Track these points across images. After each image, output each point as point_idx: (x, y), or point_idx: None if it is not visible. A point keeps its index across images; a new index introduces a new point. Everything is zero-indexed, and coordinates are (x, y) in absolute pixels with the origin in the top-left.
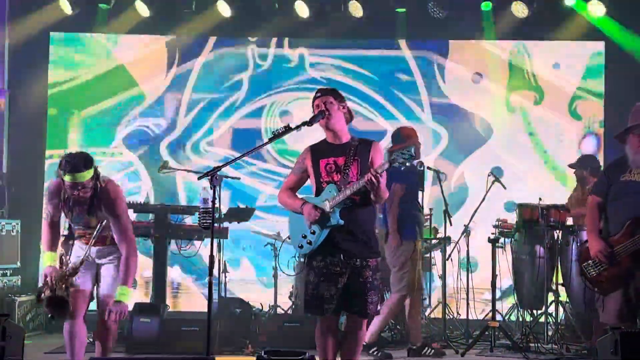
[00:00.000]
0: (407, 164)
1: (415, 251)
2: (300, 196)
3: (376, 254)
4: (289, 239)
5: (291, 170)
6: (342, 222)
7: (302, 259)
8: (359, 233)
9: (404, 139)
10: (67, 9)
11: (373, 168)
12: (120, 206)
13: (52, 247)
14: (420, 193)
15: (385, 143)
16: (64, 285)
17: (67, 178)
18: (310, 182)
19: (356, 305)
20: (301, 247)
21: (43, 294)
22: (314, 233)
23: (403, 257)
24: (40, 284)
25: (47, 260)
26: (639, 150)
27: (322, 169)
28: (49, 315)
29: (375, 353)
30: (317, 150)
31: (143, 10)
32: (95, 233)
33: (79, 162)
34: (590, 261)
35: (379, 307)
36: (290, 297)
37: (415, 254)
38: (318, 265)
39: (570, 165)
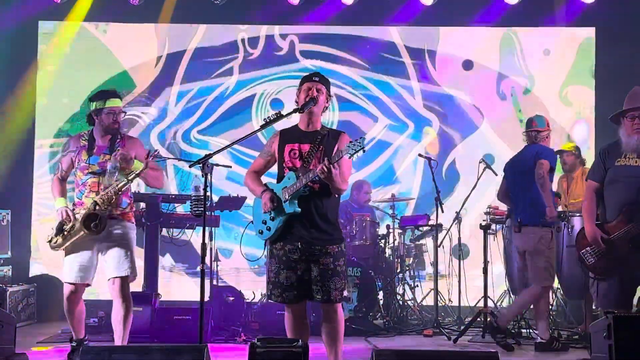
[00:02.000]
0: (358, 155)
1: (552, 239)
2: (264, 182)
3: (338, 240)
4: (252, 223)
5: (259, 153)
6: (298, 210)
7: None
8: (319, 221)
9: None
10: None
11: (327, 158)
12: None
13: (63, 195)
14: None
15: (377, 131)
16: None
17: (111, 103)
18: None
19: (318, 293)
20: (261, 232)
21: (67, 225)
22: (273, 219)
23: (544, 245)
24: (54, 230)
25: (60, 203)
26: (632, 134)
27: (285, 154)
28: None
29: (501, 338)
30: (286, 135)
31: None
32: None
33: (114, 90)
34: (588, 248)
35: (345, 293)
36: None
37: (553, 242)
38: (278, 252)
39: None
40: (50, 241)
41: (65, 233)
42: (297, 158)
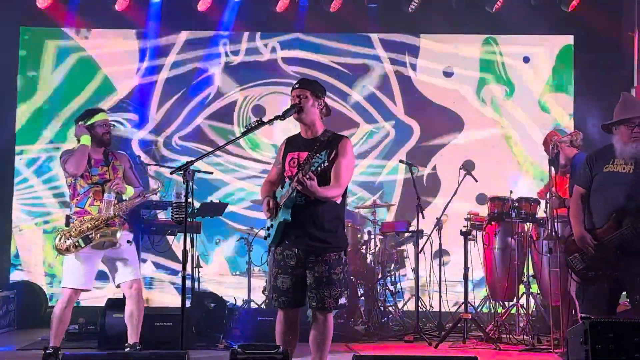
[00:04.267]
0: (317, 171)
1: None
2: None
3: (337, 249)
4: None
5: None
6: (289, 218)
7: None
8: (314, 230)
9: None
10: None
11: (302, 171)
12: None
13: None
14: None
15: (359, 137)
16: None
17: (103, 116)
18: None
19: (313, 300)
20: (265, 238)
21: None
22: (272, 226)
23: None
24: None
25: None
26: (628, 142)
27: (286, 163)
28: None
29: None
30: (290, 143)
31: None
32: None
33: (100, 108)
34: (577, 254)
35: (342, 301)
36: (263, 292)
37: None
38: (277, 257)
39: None
40: (63, 245)
41: (90, 239)
42: (295, 166)
